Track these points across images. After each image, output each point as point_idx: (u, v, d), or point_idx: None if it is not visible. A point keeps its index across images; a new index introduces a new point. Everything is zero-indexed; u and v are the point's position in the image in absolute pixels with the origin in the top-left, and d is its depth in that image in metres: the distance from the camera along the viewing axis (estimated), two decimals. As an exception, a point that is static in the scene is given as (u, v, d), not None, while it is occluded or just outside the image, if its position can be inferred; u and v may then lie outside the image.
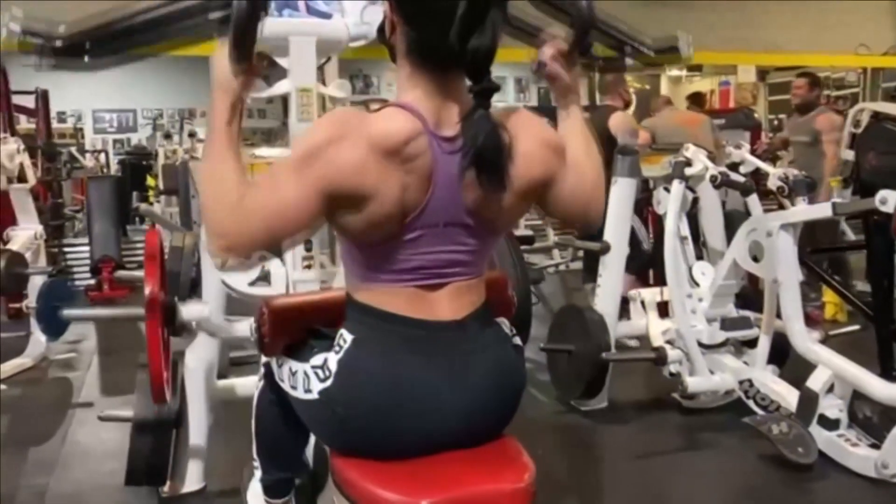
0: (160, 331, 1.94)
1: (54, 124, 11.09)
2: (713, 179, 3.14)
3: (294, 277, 2.28)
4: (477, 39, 1.16)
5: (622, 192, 3.48)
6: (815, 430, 2.79)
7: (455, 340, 1.31)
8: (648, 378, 3.62)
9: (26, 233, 4.32)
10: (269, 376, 1.52)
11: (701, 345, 3.21)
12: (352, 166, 1.17)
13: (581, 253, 5.15)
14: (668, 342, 3.28)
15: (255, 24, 1.19)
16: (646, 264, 4.14)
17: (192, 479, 2.68)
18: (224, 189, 1.19)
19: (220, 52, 1.23)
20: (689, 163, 3.24)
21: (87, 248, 6.25)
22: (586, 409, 3.42)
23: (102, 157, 10.78)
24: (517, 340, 1.43)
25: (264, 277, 2.22)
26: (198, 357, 2.64)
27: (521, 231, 6.31)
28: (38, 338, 4.40)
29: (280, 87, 2.37)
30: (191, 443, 2.66)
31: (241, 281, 2.19)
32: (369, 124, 1.20)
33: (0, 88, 5.50)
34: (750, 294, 3.49)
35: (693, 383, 3.15)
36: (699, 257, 3.55)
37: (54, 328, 4.41)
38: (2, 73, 5.67)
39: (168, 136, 9.14)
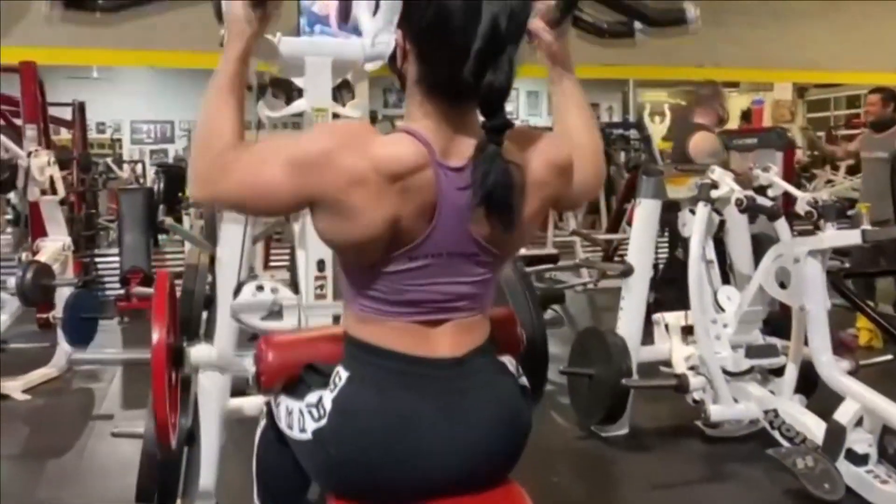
0: (165, 377, 1.91)
1: (93, 135, 11.33)
2: (739, 203, 3.06)
3: (306, 304, 2.24)
4: (492, 75, 1.12)
5: (646, 213, 3.43)
6: (843, 465, 2.69)
7: (452, 378, 1.26)
8: (672, 404, 3.53)
9: (55, 244, 4.37)
10: (270, 415, 1.46)
11: (725, 372, 3.12)
12: (348, 179, 1.13)
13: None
14: (692, 368, 3.20)
15: None
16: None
17: (204, 497, 2.66)
18: (214, 135, 1.19)
19: None
20: (715, 185, 3.17)
21: (118, 259, 6.33)
22: (606, 436, 3.35)
23: (139, 167, 10.95)
24: (523, 381, 1.37)
25: (277, 311, 2.19)
26: (212, 374, 2.63)
27: (546, 250, 6.24)
28: (64, 348, 4.45)
29: (296, 107, 2.35)
30: (203, 460, 2.65)
31: (252, 315, 2.16)
32: (377, 145, 1.16)
33: (37, 101, 5.59)
34: (778, 320, 3.39)
35: (716, 412, 3.06)
36: (725, 281, 3.46)
37: (80, 338, 4.48)
38: (39, 85, 5.76)
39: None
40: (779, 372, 3.18)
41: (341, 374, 1.26)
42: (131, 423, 2.79)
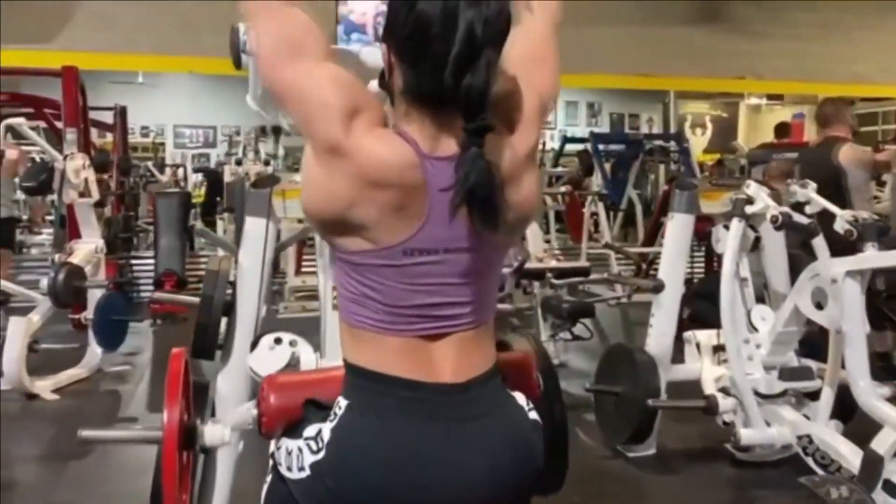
0: (176, 459, 1.87)
1: (137, 139, 11.54)
2: (774, 220, 2.95)
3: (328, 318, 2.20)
4: (470, 78, 1.12)
5: (679, 228, 3.34)
6: (880, 496, 2.56)
7: (455, 405, 1.20)
8: (701, 425, 3.42)
9: (87, 246, 4.43)
10: (275, 469, 1.37)
11: (757, 394, 3.01)
12: (328, 141, 1.13)
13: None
14: (722, 390, 3.10)
15: None
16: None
17: (218, 505, 2.64)
18: None
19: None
20: (750, 200, 3.07)
21: (153, 261, 6.40)
22: (633, 455, 3.26)
23: (181, 171, 11.10)
24: (534, 415, 1.30)
25: (294, 364, 2.15)
26: (229, 383, 2.61)
27: (580, 262, 6.15)
28: (95, 349, 4.49)
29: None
30: (218, 469, 2.63)
31: (267, 367, 2.11)
32: (369, 137, 1.14)
33: (77, 104, 5.69)
34: (816, 341, 3.27)
35: (746, 435, 2.95)
36: (760, 300, 3.35)
37: (110, 340, 4.53)
38: (80, 89, 5.86)
39: (235, 154, 9.35)
40: (814, 396, 3.06)
41: (341, 404, 1.21)
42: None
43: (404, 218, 1.15)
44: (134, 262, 6.94)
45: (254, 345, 2.14)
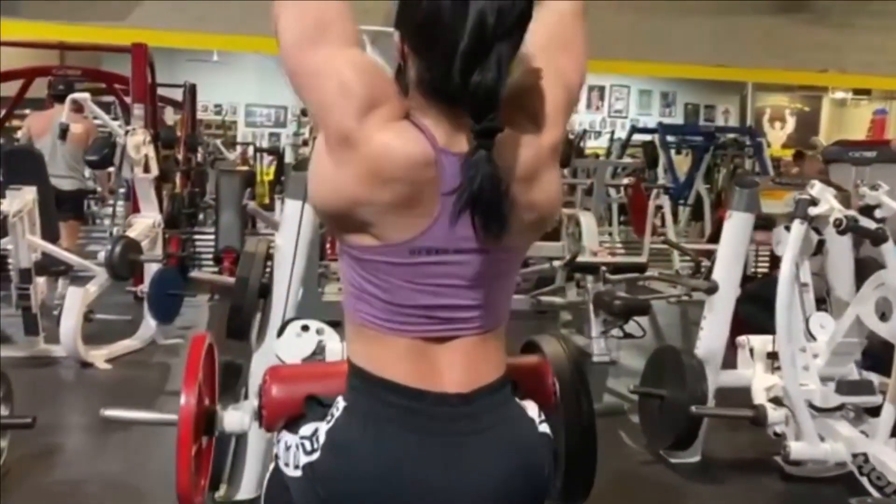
0: (190, 444, 1.86)
1: (210, 116, 11.79)
2: (837, 224, 2.78)
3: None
4: (479, 76, 1.03)
5: (737, 227, 3.19)
6: (937, 524, 2.40)
7: (458, 418, 1.13)
8: (751, 434, 3.26)
9: (146, 221, 4.52)
10: (276, 460, 1.35)
11: (812, 407, 2.85)
12: (340, 131, 1.07)
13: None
14: (774, 400, 2.95)
15: None
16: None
17: (248, 486, 2.65)
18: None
19: None
20: (814, 201, 2.89)
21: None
22: (676, 462, 3.14)
23: (250, 149, 11.29)
24: (544, 427, 1.23)
25: (319, 352, 2.12)
26: (263, 365, 2.61)
27: (641, 258, 5.97)
28: (149, 322, 4.59)
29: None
30: (249, 450, 2.64)
31: (293, 354, 2.10)
32: (384, 131, 1.07)
33: (146, 81, 5.81)
34: (880, 353, 3.08)
35: (797, 449, 2.80)
36: (822, 307, 3.17)
37: (164, 314, 4.62)
38: (150, 66, 5.98)
39: (302, 134, 9.44)
40: (874, 412, 2.88)
41: (339, 405, 1.16)
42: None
43: (413, 215, 1.09)
44: (197, 237, 7.08)
45: (281, 331, 2.13)
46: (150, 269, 4.58)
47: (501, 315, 1.21)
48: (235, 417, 2.13)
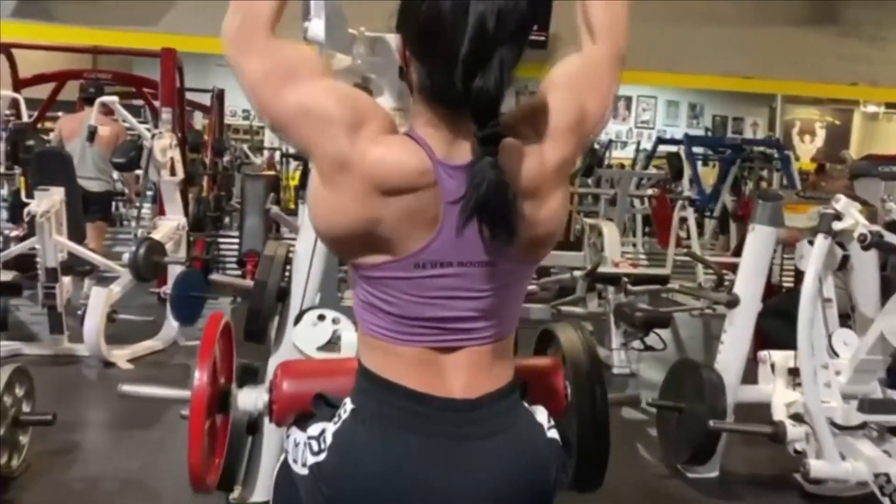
0: (203, 420, 1.87)
1: (238, 121, 11.89)
2: (861, 239, 2.73)
3: None
4: (481, 80, 1.01)
5: (759, 241, 3.16)
6: (960, 548, 2.35)
7: (464, 423, 1.13)
8: (770, 450, 3.21)
9: (170, 223, 4.57)
10: (286, 455, 1.38)
11: (833, 425, 2.80)
12: (334, 160, 1.06)
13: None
14: (794, 416, 2.90)
15: None
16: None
17: (262, 489, 2.66)
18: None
19: None
20: (838, 216, 2.85)
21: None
22: (693, 477, 3.10)
23: (277, 154, 11.38)
24: (553, 433, 1.22)
25: (335, 341, 2.13)
26: (280, 367, 2.62)
27: (664, 270, 5.93)
28: (171, 323, 4.64)
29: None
30: (264, 453, 2.65)
31: (309, 343, 2.11)
32: (376, 145, 1.07)
33: (174, 86, 5.88)
34: (905, 372, 3.03)
35: (817, 467, 2.75)
36: (846, 324, 3.12)
37: (186, 315, 4.66)
38: (179, 70, 6.06)
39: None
40: (898, 431, 2.83)
41: (347, 407, 1.17)
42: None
43: (416, 228, 1.09)
44: (221, 240, 7.14)
45: (297, 320, 2.14)
46: (174, 271, 4.62)
47: (510, 325, 1.20)
48: (250, 396, 2.14)
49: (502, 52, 1.02)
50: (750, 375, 3.16)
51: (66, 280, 4.40)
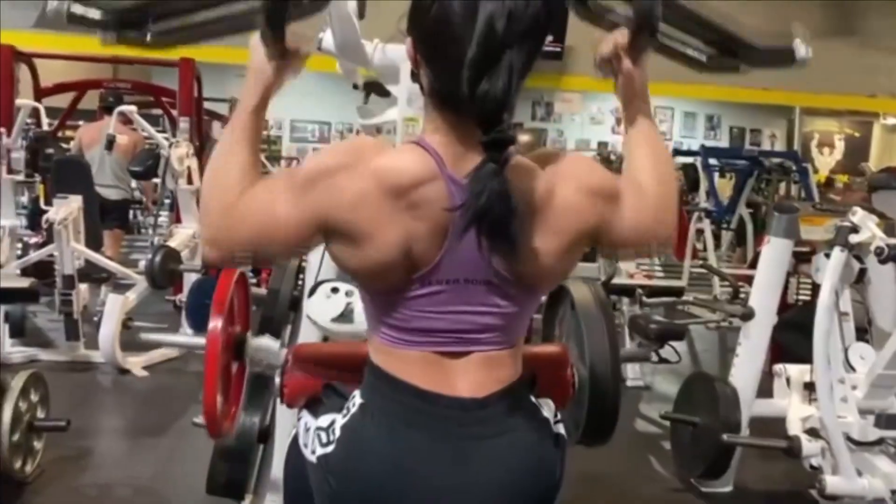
0: (218, 363, 1.90)
1: (254, 131, 11.97)
2: (878, 252, 2.71)
3: None
4: (487, 84, 1.00)
5: (775, 253, 3.12)
6: (979, 567, 2.31)
7: (470, 422, 1.14)
8: (786, 465, 3.18)
9: (186, 231, 4.60)
10: (298, 435, 1.42)
11: (849, 440, 2.77)
12: (350, 197, 1.06)
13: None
14: (810, 431, 2.87)
15: (285, 6, 1.11)
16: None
17: (273, 497, 2.66)
18: (225, 184, 1.11)
19: (256, 36, 1.17)
20: (855, 229, 2.83)
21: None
22: (707, 491, 3.08)
23: (294, 164, 11.44)
24: (559, 428, 1.23)
25: (347, 314, 2.14)
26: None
27: (680, 282, 5.89)
28: (187, 331, 4.65)
29: (388, 115, 2.31)
30: (275, 460, 2.65)
31: (323, 314, 2.13)
32: (381, 157, 1.08)
33: (192, 95, 5.92)
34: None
35: (833, 483, 2.71)
36: (863, 338, 3.09)
37: (201, 323, 4.67)
38: (197, 80, 6.10)
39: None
40: (916, 447, 2.79)
41: (356, 401, 1.18)
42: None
43: (428, 249, 1.08)
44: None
45: (312, 292, 2.15)
46: (190, 279, 4.65)
47: (518, 335, 1.20)
48: (263, 342, 2.16)
49: (511, 55, 1.01)
50: (765, 389, 3.13)
51: (83, 287, 4.44)
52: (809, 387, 3.04)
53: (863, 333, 3.19)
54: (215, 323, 1.91)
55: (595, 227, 1.15)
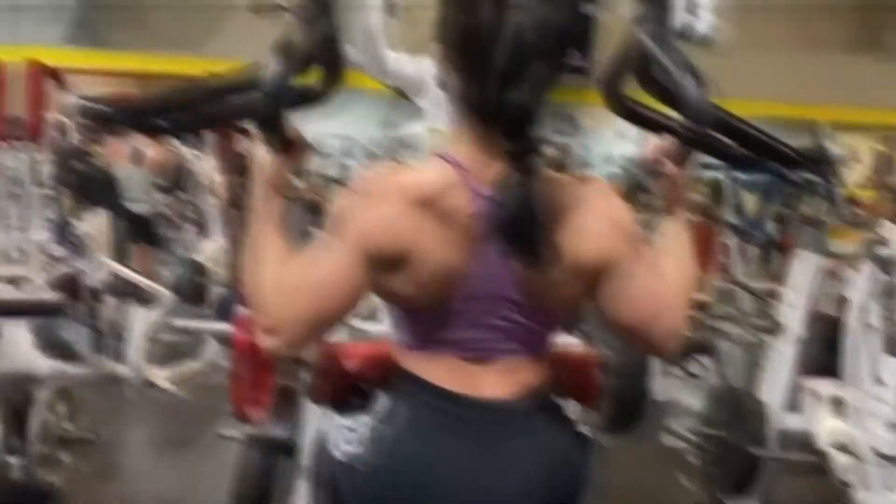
0: (246, 346, 1.93)
1: (280, 146, 12.06)
2: (907, 265, 2.67)
3: None
4: (513, 93, 1.01)
5: (803, 267, 3.10)
6: None
7: (495, 422, 1.15)
8: (816, 481, 3.12)
9: (213, 246, 4.64)
10: (326, 432, 1.44)
11: (879, 455, 2.72)
12: (383, 220, 1.08)
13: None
14: (840, 446, 2.82)
15: (278, 112, 1.16)
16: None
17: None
18: (265, 268, 1.13)
19: (257, 138, 1.22)
20: (883, 242, 2.79)
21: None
22: (734, 507, 3.03)
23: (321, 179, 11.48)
24: (583, 429, 1.24)
25: (375, 314, 2.16)
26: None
27: (701, 295, 5.82)
28: (213, 344, 4.68)
29: (414, 128, 2.32)
30: (299, 475, 2.65)
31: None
32: (402, 176, 1.11)
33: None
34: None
35: (864, 499, 2.67)
36: (892, 352, 3.03)
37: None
38: (222, 97, 6.18)
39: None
40: (950, 465, 2.73)
41: (384, 403, 1.20)
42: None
43: (452, 259, 1.09)
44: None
45: None
46: (216, 293, 4.69)
47: (542, 349, 1.20)
48: None
49: (538, 66, 1.02)
50: (794, 404, 3.09)
51: (111, 301, 4.49)
52: (838, 401, 3.00)
53: (893, 348, 3.14)
54: (242, 311, 1.94)
55: (598, 260, 1.13)
